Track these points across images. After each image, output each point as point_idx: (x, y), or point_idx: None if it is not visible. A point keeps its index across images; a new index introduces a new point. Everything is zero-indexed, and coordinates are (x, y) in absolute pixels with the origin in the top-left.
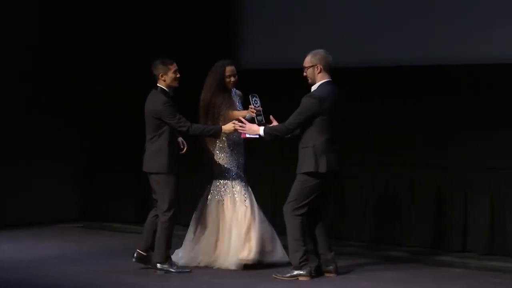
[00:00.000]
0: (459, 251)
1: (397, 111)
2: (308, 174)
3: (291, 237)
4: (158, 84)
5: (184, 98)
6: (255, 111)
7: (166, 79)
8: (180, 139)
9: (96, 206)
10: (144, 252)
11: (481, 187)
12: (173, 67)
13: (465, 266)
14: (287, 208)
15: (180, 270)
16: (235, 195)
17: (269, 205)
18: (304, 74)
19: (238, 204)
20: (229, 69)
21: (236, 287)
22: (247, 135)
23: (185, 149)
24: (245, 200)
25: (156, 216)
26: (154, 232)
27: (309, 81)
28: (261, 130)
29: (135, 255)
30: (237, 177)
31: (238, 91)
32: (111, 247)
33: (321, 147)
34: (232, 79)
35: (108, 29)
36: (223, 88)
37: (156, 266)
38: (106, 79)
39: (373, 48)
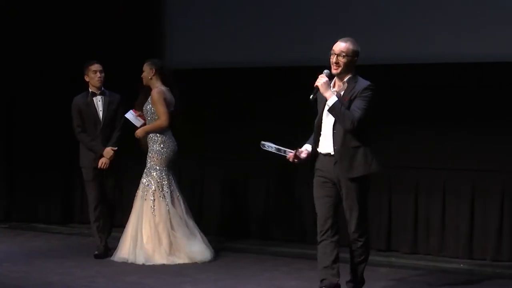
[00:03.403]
0: (383, 250)
1: None
2: (362, 177)
3: None
4: None
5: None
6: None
7: (88, 79)
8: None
9: (21, 206)
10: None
11: (405, 186)
12: (93, 67)
13: (390, 265)
14: (366, 231)
15: None
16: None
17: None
18: (336, 61)
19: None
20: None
21: (162, 287)
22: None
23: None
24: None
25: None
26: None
27: (339, 70)
28: (333, 98)
29: None
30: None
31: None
32: (36, 248)
33: (371, 146)
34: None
35: (32, 28)
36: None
37: None
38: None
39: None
